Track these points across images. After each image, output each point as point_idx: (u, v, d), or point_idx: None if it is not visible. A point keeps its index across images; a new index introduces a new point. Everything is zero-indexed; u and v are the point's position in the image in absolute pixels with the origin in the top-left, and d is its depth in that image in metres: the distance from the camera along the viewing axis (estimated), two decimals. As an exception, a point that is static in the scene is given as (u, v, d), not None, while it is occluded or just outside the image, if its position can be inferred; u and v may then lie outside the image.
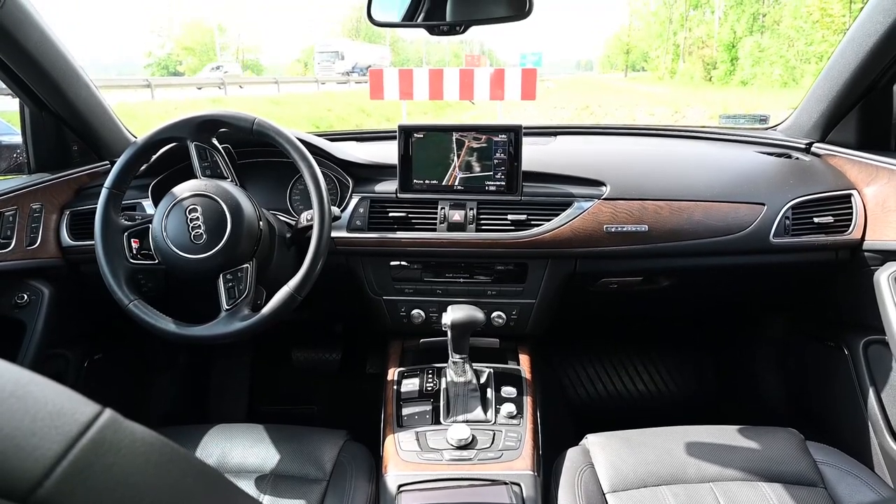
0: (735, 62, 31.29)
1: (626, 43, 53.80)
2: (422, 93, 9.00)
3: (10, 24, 1.33)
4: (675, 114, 14.77)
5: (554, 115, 16.89)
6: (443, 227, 1.57)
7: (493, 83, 8.82)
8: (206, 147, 1.35)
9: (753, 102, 14.60)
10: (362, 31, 51.76)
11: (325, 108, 16.09)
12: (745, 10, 31.66)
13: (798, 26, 25.67)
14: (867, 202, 1.53)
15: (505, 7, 1.29)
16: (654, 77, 43.86)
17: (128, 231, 1.36)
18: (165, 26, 47.45)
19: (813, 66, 24.37)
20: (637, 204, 1.54)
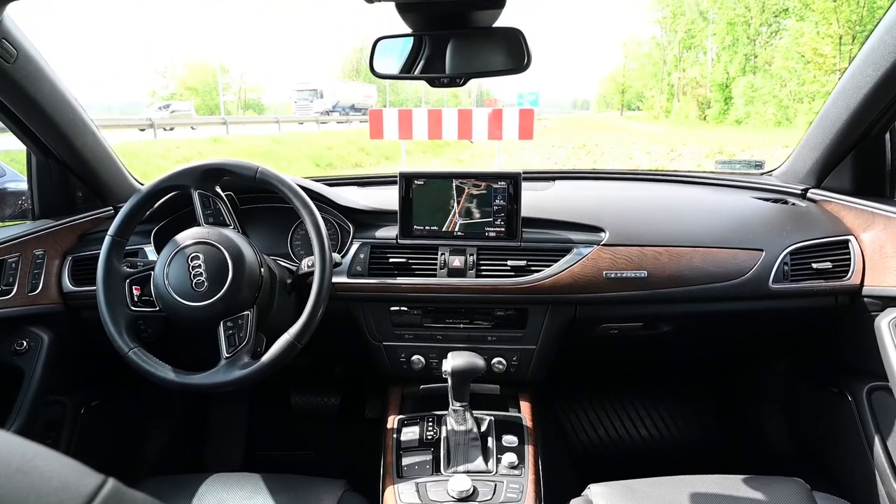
0: (729, 102, 31.87)
1: (621, 83, 54.84)
2: (421, 132, 9.12)
3: (22, 78, 1.37)
4: (672, 152, 14.97)
5: (551, 153, 17.11)
6: (443, 273, 1.58)
7: (490, 123, 8.95)
8: (210, 195, 1.37)
9: (748, 141, 14.81)
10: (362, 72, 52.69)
11: (325, 146, 16.30)
12: (736, 52, 32.40)
13: (790, 67, 26.23)
14: (865, 248, 1.54)
15: (504, 60, 1.32)
16: (649, 116, 44.61)
17: (129, 278, 1.37)
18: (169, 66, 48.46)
19: (806, 105, 24.81)
20: (636, 250, 1.55)
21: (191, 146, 12.86)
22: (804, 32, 24.98)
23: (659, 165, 14.53)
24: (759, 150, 13.65)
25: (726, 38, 33.09)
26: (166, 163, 11.38)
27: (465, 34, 1.32)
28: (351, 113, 36.51)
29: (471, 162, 16.77)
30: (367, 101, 41.53)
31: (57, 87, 1.48)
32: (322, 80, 39.43)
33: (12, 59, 1.31)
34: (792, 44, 26.46)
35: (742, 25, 32.17)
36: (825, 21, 23.20)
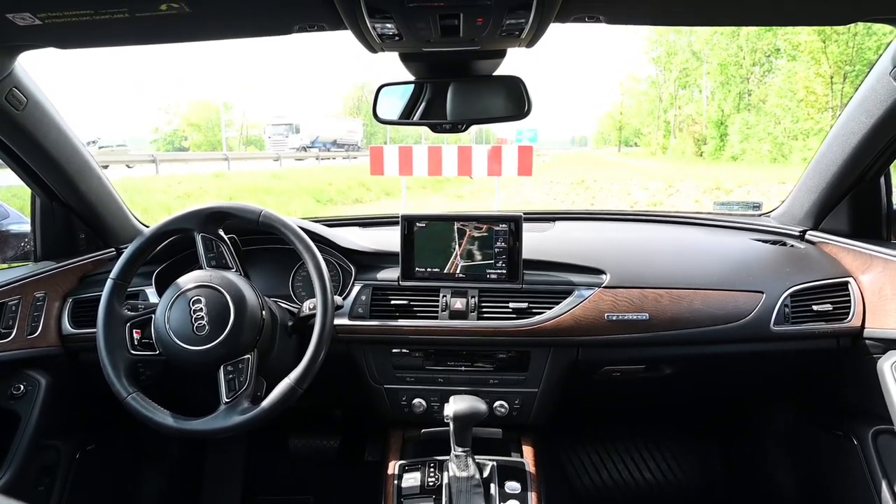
0: (724, 138, 32.28)
1: (618, 120, 55.64)
2: (421, 168, 9.19)
3: (30, 124, 1.39)
4: (669, 188, 15.08)
5: (550, 189, 17.22)
6: (444, 315, 1.58)
7: (490, 160, 9.03)
8: (213, 238, 1.38)
9: (744, 177, 14.93)
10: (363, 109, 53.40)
11: (325, 181, 16.40)
12: (730, 90, 32.98)
13: (784, 104, 26.65)
14: (864, 290, 1.54)
15: (505, 107, 1.34)
16: (646, 152, 45.09)
17: (130, 321, 1.36)
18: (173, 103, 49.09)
19: (800, 142, 25.12)
20: (637, 292, 1.55)
21: (192, 181, 12.96)
22: (796, 72, 25.47)
23: (657, 201, 14.62)
24: (756, 186, 13.75)
25: (720, 77, 33.72)
26: (167, 198, 11.45)
27: (466, 82, 1.35)
28: (333, 149, 34.59)
29: (470, 198, 16.87)
30: (351, 137, 39.16)
31: (64, 132, 1.51)
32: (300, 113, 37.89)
33: (22, 107, 1.33)
34: (784, 82, 26.96)
35: (734, 66, 32.81)
36: (815, 61, 23.68)
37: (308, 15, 1.06)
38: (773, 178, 14.38)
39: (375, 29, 1.01)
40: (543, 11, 0.96)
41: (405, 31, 1.03)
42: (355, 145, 38.32)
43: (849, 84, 22.97)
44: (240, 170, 17.78)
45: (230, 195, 12.86)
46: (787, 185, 13.11)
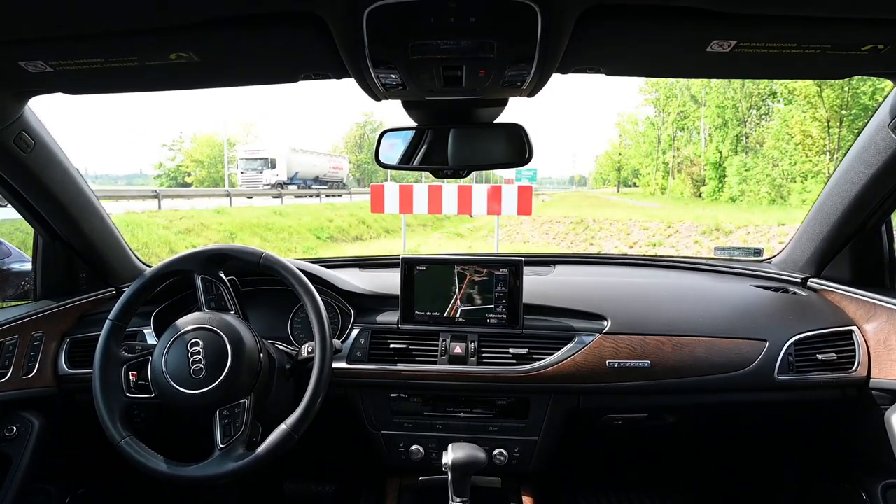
0: (723, 180, 32.55)
1: (617, 160, 56.26)
2: (421, 207, 9.25)
3: (36, 166, 1.40)
4: (668, 228, 15.12)
5: (550, 228, 17.29)
6: (444, 360, 1.56)
7: (490, 199, 9.09)
8: (213, 280, 1.38)
9: (744, 218, 14.97)
10: (365, 147, 53.95)
11: (326, 218, 16.49)
12: (728, 133, 33.40)
13: (781, 147, 26.95)
14: (868, 339, 1.53)
15: (506, 154, 1.36)
16: (645, 192, 45.43)
17: (127, 363, 1.35)
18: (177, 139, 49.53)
19: (798, 184, 25.31)
20: (639, 339, 1.54)
21: (194, 217, 12.99)
22: (793, 115, 25.84)
23: (656, 241, 14.65)
24: (755, 228, 13.78)
25: (717, 120, 34.21)
26: (168, 233, 11.48)
27: (468, 129, 1.37)
28: (314, 185, 31.73)
29: (470, 236, 16.93)
30: (336, 174, 36.94)
31: (69, 173, 1.52)
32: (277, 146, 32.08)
33: (29, 149, 1.35)
34: (781, 126, 27.31)
35: (731, 109, 33.33)
36: (811, 105, 24.05)
37: (313, 65, 1.08)
38: (772, 219, 14.41)
39: (380, 78, 1.03)
40: (545, 64, 0.97)
41: (409, 82, 1.05)
42: (340, 182, 36.76)
43: (845, 128, 23.28)
44: (241, 205, 17.88)
45: (231, 231, 12.90)
46: (787, 226, 13.21)
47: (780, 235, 12.98)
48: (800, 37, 0.92)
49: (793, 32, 0.91)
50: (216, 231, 12.63)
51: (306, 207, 18.04)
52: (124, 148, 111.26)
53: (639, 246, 14.84)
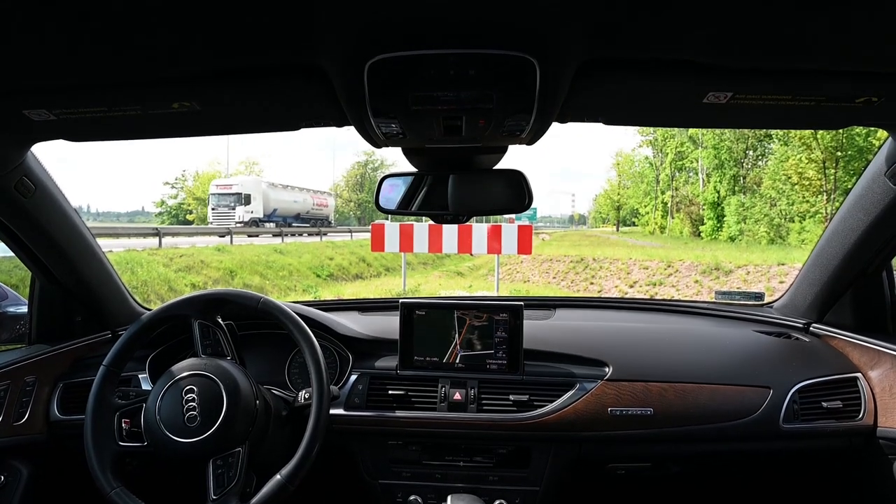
0: (721, 219, 32.71)
1: (616, 200, 56.65)
2: (421, 245, 9.29)
3: (36, 210, 1.41)
4: (668, 267, 15.10)
5: (550, 267, 17.29)
6: (443, 407, 1.54)
7: (490, 238, 9.14)
8: (210, 325, 1.37)
9: (743, 258, 14.98)
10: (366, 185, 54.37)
11: (326, 257, 16.50)
12: (725, 173, 33.74)
13: (778, 187, 27.16)
14: (874, 387, 1.51)
15: (505, 200, 1.36)
16: (644, 231, 45.61)
17: (120, 410, 1.33)
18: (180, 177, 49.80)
19: (796, 224, 25.41)
20: (641, 386, 1.52)
21: (194, 255, 12.99)
22: (789, 156, 26.12)
23: (656, 281, 14.62)
24: (755, 267, 13.77)
25: (714, 161, 34.59)
26: (168, 271, 11.47)
27: (468, 175, 1.38)
28: (295, 224, 30.08)
29: (470, 275, 16.90)
30: (320, 211, 34.88)
31: (69, 217, 1.52)
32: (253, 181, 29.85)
33: (30, 195, 1.35)
34: (777, 166, 27.57)
35: (727, 150, 33.74)
36: (806, 147, 24.33)
37: (315, 114, 1.09)
38: (772, 259, 14.42)
39: (380, 127, 1.04)
40: (544, 114, 0.98)
41: (409, 131, 1.06)
42: (325, 220, 34.99)
43: (841, 169, 23.49)
44: (242, 243, 17.93)
45: (231, 269, 12.88)
46: (786, 266, 13.22)
47: (779, 275, 12.96)
48: (795, 89, 0.94)
49: (788, 85, 0.92)
50: (216, 269, 12.61)
51: (306, 246, 18.06)
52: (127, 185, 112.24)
53: (639, 285, 14.81)
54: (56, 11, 0.69)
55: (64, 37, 0.76)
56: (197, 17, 0.72)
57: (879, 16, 0.71)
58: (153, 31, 0.76)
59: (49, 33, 0.75)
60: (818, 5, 0.69)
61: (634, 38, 0.81)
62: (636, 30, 0.78)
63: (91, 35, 0.76)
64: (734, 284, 13.42)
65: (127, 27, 0.74)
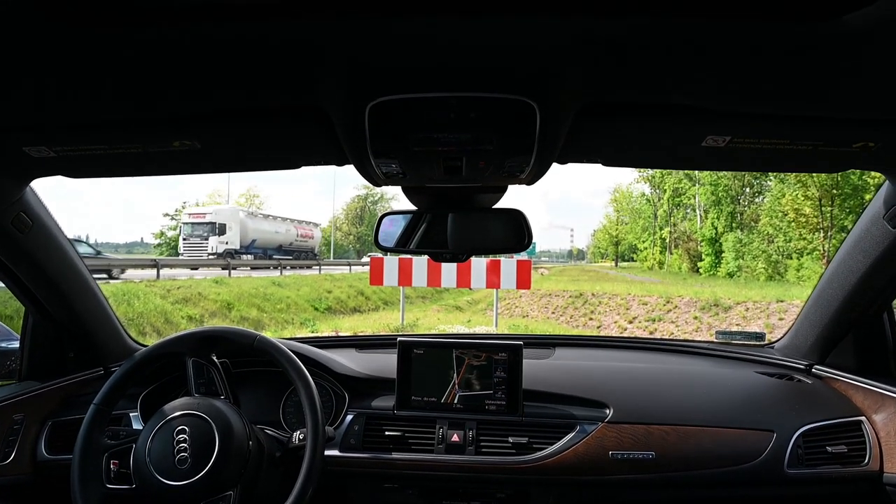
0: (719, 255, 32.78)
1: (614, 235, 56.85)
2: (420, 279, 9.29)
3: (33, 246, 1.40)
4: (667, 303, 15.08)
5: (549, 302, 17.25)
6: (441, 449, 1.50)
7: (489, 272, 9.14)
8: (204, 363, 1.35)
9: (741, 294, 14.96)
10: (365, 219, 54.55)
11: (324, 290, 16.45)
12: (722, 210, 33.96)
13: (775, 224, 27.30)
14: (878, 431, 1.48)
15: (505, 239, 1.36)
16: (643, 267, 45.64)
17: (109, 451, 1.30)
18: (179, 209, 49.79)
19: (794, 261, 25.46)
20: (642, 428, 1.49)
21: (192, 287, 12.95)
22: (784, 193, 26.32)
23: (656, 316, 14.57)
24: (754, 304, 13.75)
25: (711, 197, 34.85)
26: (165, 303, 11.40)
27: (467, 213, 1.38)
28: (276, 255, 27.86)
29: (469, 310, 16.83)
30: (305, 243, 32.58)
31: (65, 252, 1.51)
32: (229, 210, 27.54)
33: (27, 230, 1.35)
34: (774, 204, 27.76)
35: (724, 187, 34.04)
36: (802, 185, 24.54)
37: (315, 153, 1.09)
38: (770, 295, 14.40)
39: (380, 167, 1.04)
40: (544, 155, 0.99)
41: (409, 171, 1.06)
42: (310, 252, 32.78)
43: (837, 207, 23.63)
44: (241, 275, 17.89)
45: (229, 301, 12.82)
46: (785, 303, 13.18)
47: (778, 312, 12.92)
48: (793, 134, 0.94)
49: (786, 129, 0.93)
50: (213, 301, 12.55)
51: (305, 278, 18.01)
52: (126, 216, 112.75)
53: (638, 321, 14.75)
54: (58, 54, 0.70)
55: (66, 78, 0.77)
56: (200, 60, 0.73)
57: (875, 63, 0.72)
58: (155, 74, 0.77)
59: (51, 74, 0.75)
60: (815, 54, 0.69)
61: (633, 84, 0.81)
62: (635, 76, 0.79)
63: (93, 77, 0.76)
64: (733, 321, 13.38)
65: (129, 70, 0.75)
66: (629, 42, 0.69)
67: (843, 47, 0.67)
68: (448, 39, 0.69)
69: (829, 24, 0.62)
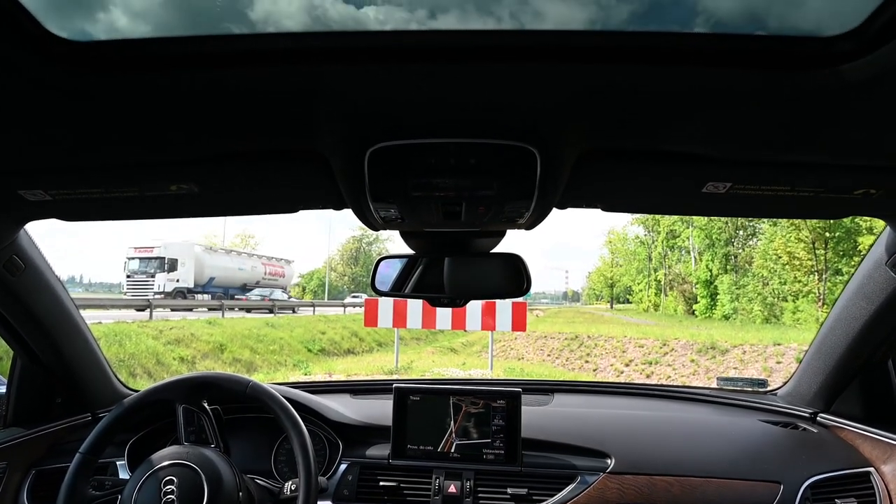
0: (715, 298, 32.79)
1: (609, 277, 56.94)
2: (415, 321, 9.24)
3: (24, 290, 1.37)
4: (664, 346, 14.98)
5: (544, 344, 17.12)
6: (437, 501, 1.45)
7: (484, 314, 9.10)
8: (195, 410, 1.31)
9: (738, 337, 14.89)
10: (360, 259, 54.59)
11: (318, 331, 16.30)
12: (716, 252, 34.15)
13: (769, 266, 27.41)
14: (888, 482, 1.44)
15: (503, 285, 1.35)
16: (639, 309, 45.58)
17: (94, 502, 1.25)
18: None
19: (790, 303, 25.46)
20: (645, 479, 1.44)
21: (184, 327, 12.81)
22: (778, 236, 26.52)
23: (652, 359, 14.46)
24: (751, 347, 13.67)
25: (705, 240, 35.10)
26: (157, 344, 11.25)
27: (465, 258, 1.37)
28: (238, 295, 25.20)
29: (463, 352, 16.68)
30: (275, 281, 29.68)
31: (57, 295, 1.49)
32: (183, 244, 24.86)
33: (18, 273, 1.32)
34: (767, 246, 27.94)
35: (718, 230, 34.33)
36: (795, 227, 24.76)
37: (313, 197, 1.09)
38: (768, 338, 14.34)
39: (378, 212, 1.03)
40: (544, 201, 0.98)
41: (407, 216, 1.05)
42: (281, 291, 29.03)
43: (830, 250, 23.80)
44: (235, 316, 17.73)
45: (221, 342, 12.67)
46: (782, 346, 13.12)
47: (776, 355, 12.84)
48: (793, 181, 0.94)
49: (786, 177, 0.93)
50: (206, 342, 12.40)
51: (299, 319, 17.86)
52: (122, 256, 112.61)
53: (635, 364, 14.62)
54: (56, 100, 0.69)
55: (63, 123, 0.76)
56: (199, 106, 0.73)
57: (873, 112, 0.72)
58: (155, 119, 0.76)
59: (48, 119, 0.75)
60: (813, 103, 0.70)
61: (633, 131, 0.82)
62: (634, 123, 0.79)
63: (92, 122, 0.76)
64: (730, 364, 13.28)
65: (129, 115, 0.74)
66: (629, 90, 0.69)
67: (841, 97, 0.67)
68: (447, 87, 0.69)
69: (827, 74, 0.62)
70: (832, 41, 0.59)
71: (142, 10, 0.63)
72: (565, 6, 0.61)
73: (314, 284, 54.01)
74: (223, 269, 26.36)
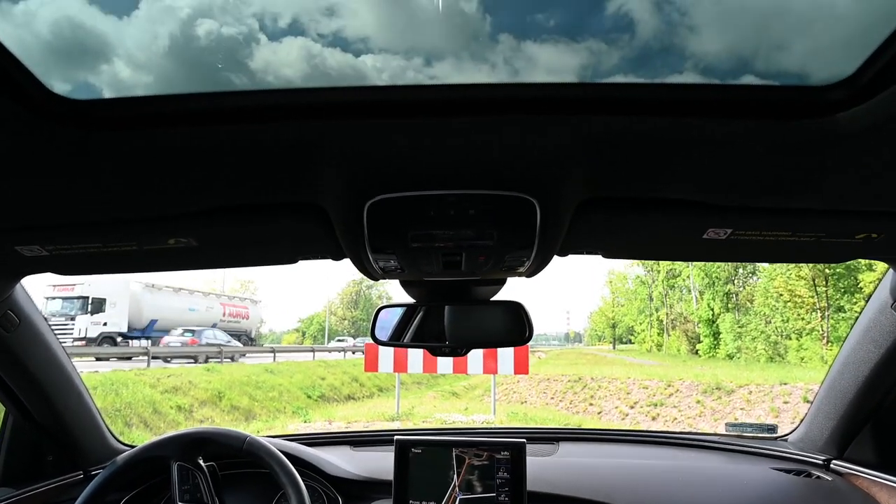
0: (718, 337, 32.53)
1: (611, 317, 56.64)
2: (416, 366, 9.15)
3: (18, 345, 1.35)
4: (669, 387, 14.78)
5: (547, 387, 16.89)
6: None
7: (485, 357, 9.02)
8: (190, 468, 1.27)
9: (743, 376, 14.71)
10: (360, 303, 54.42)
11: (318, 377, 16.09)
12: (717, 291, 34.06)
13: (770, 304, 27.29)
14: None
15: (505, 333, 1.33)
16: (641, 349, 45.19)
17: None
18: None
19: (794, 341, 25.25)
20: None
21: (182, 375, 12.64)
22: (778, 274, 26.51)
23: (657, 401, 14.24)
24: (756, 387, 13.48)
25: (706, 279, 35.06)
26: (154, 392, 11.09)
27: (466, 306, 1.35)
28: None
29: (465, 395, 16.44)
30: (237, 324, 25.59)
31: (51, 351, 1.46)
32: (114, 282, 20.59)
33: (13, 328, 1.30)
34: (767, 284, 27.89)
35: (718, 268, 34.33)
36: (795, 265, 24.74)
37: (312, 249, 1.08)
38: (773, 377, 14.16)
39: (378, 263, 1.02)
40: (544, 249, 0.97)
41: (407, 266, 1.04)
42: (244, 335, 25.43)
43: (831, 287, 23.74)
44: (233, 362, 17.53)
45: (219, 389, 12.49)
46: (788, 385, 12.94)
47: (783, 395, 12.65)
48: (794, 226, 0.94)
49: (787, 222, 0.92)
50: (203, 390, 12.22)
51: (298, 365, 17.64)
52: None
53: (640, 406, 14.40)
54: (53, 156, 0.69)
55: (61, 179, 0.76)
56: (198, 161, 0.73)
57: (871, 159, 0.72)
58: (153, 175, 0.76)
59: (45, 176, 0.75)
60: (811, 150, 0.69)
61: (633, 180, 0.81)
62: (634, 172, 0.79)
63: (89, 178, 0.76)
64: (737, 405, 13.07)
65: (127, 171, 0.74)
66: (625, 139, 0.69)
67: (838, 144, 0.67)
68: (447, 139, 0.69)
69: (821, 123, 0.62)
70: (825, 90, 0.59)
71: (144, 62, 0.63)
72: (557, 54, 0.61)
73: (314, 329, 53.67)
74: (168, 309, 22.55)
